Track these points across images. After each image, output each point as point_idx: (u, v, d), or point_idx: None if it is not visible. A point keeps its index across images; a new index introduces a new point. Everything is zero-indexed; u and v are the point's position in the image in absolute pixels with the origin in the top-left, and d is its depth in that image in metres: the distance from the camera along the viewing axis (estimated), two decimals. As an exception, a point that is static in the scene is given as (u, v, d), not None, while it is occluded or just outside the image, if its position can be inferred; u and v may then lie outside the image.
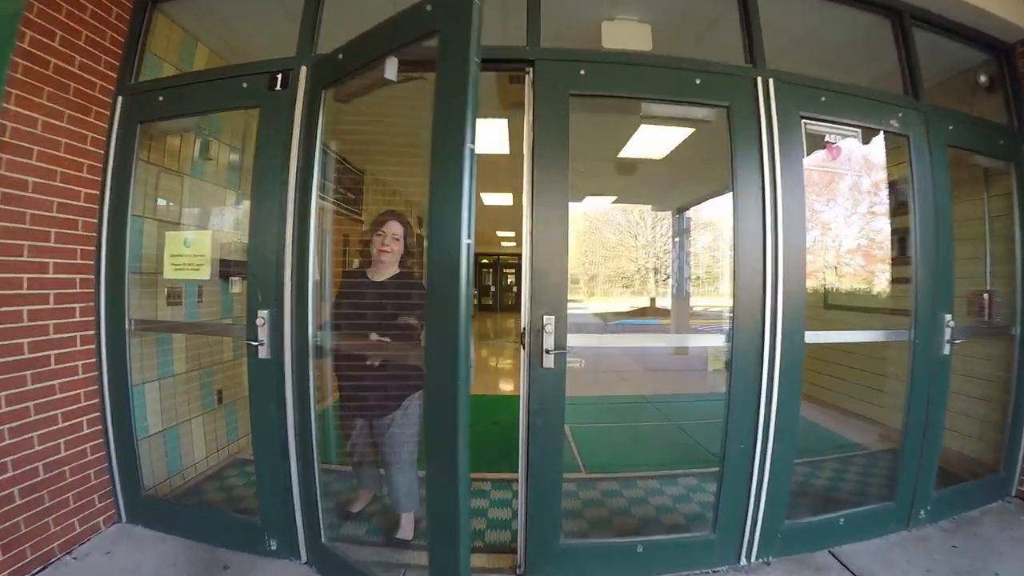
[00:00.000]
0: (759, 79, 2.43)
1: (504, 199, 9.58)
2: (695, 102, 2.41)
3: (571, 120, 2.29)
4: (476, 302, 20.85)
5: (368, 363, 2.36)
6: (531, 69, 2.31)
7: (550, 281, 2.30)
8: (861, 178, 4.23)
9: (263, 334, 2.34)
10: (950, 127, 2.85)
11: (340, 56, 2.15)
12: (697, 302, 11.44)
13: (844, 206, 4.28)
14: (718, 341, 2.49)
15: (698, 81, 2.37)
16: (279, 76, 2.40)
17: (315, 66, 2.36)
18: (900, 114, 2.71)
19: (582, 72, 2.31)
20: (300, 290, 2.29)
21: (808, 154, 2.53)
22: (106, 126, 2.72)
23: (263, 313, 2.34)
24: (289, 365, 2.32)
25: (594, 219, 17.09)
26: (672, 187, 8.63)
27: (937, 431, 2.82)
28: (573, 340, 2.34)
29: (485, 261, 22.12)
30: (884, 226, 4.21)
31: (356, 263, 2.76)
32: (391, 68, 1.44)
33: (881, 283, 4.59)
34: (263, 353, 2.34)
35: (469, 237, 1.47)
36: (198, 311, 3.35)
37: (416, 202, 10.55)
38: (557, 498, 2.37)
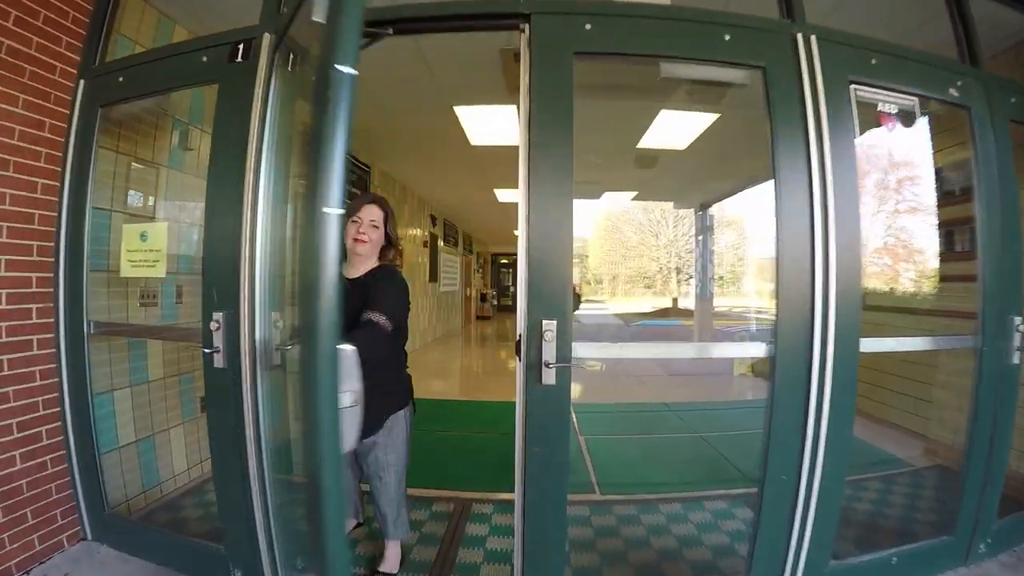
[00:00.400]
0: (799, 36, 2.04)
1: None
2: (724, 61, 2.03)
3: (585, 108, 1.94)
4: (496, 302, 20.67)
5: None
6: (527, 25, 1.95)
7: (551, 279, 1.94)
8: (903, 164, 3.88)
9: (219, 340, 2.04)
10: (1012, 99, 2.45)
11: (284, 8, 1.84)
12: (721, 302, 10.99)
13: (885, 194, 3.89)
14: (758, 350, 2.08)
15: (727, 37, 1.99)
16: (240, 46, 2.11)
17: (278, 31, 2.04)
18: (959, 82, 2.31)
19: (588, 27, 1.94)
20: (251, 289, 1.97)
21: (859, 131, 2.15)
22: (68, 112, 2.49)
23: (218, 316, 2.03)
24: (247, 376, 2.00)
25: (615, 218, 16.73)
26: (695, 182, 8.24)
27: (1003, 453, 2.41)
28: (580, 350, 1.96)
29: (504, 261, 21.88)
30: (929, 218, 3.84)
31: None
32: (319, 7, 1.08)
33: (925, 281, 4.21)
34: (219, 362, 2.04)
35: (337, 204, 1.01)
36: (177, 312, 3.10)
37: (429, 198, 10.35)
38: (561, 540, 2.02)
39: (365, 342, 1.76)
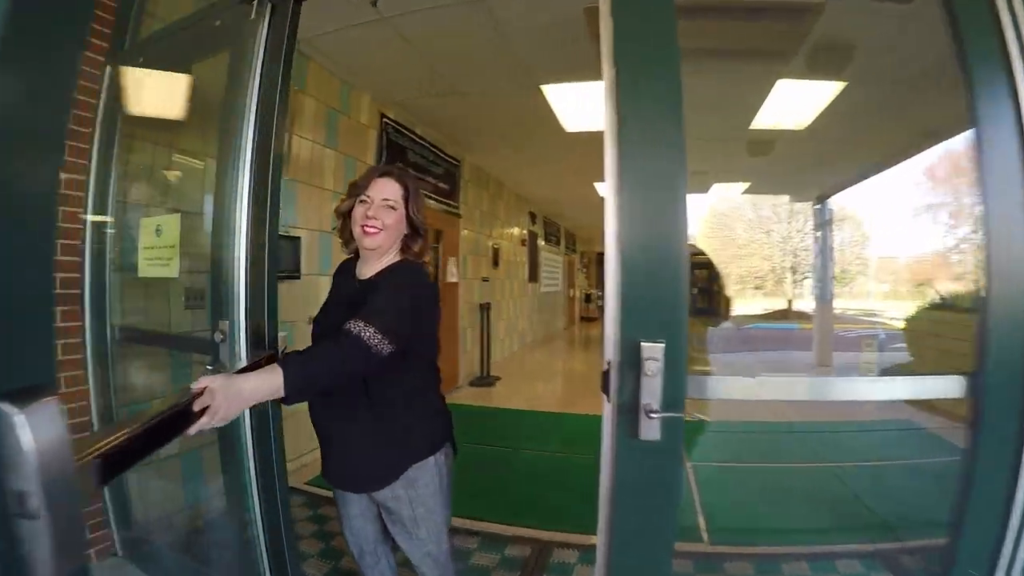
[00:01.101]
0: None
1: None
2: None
3: (688, 83, 1.22)
4: (601, 303, 19.98)
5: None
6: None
7: (654, 279, 1.21)
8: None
9: (224, 354, 1.71)
10: None
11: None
12: (835, 304, 9.65)
13: None
14: (949, 387, 1.32)
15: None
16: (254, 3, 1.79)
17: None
18: None
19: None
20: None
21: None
22: (94, 101, 2.32)
23: (224, 325, 1.71)
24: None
25: (723, 214, 15.56)
26: (814, 169, 7.18)
27: None
28: (704, 385, 1.28)
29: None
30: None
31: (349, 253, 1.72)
32: None
33: None
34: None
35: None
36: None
37: (527, 194, 9.91)
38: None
39: (326, 362, 1.27)
